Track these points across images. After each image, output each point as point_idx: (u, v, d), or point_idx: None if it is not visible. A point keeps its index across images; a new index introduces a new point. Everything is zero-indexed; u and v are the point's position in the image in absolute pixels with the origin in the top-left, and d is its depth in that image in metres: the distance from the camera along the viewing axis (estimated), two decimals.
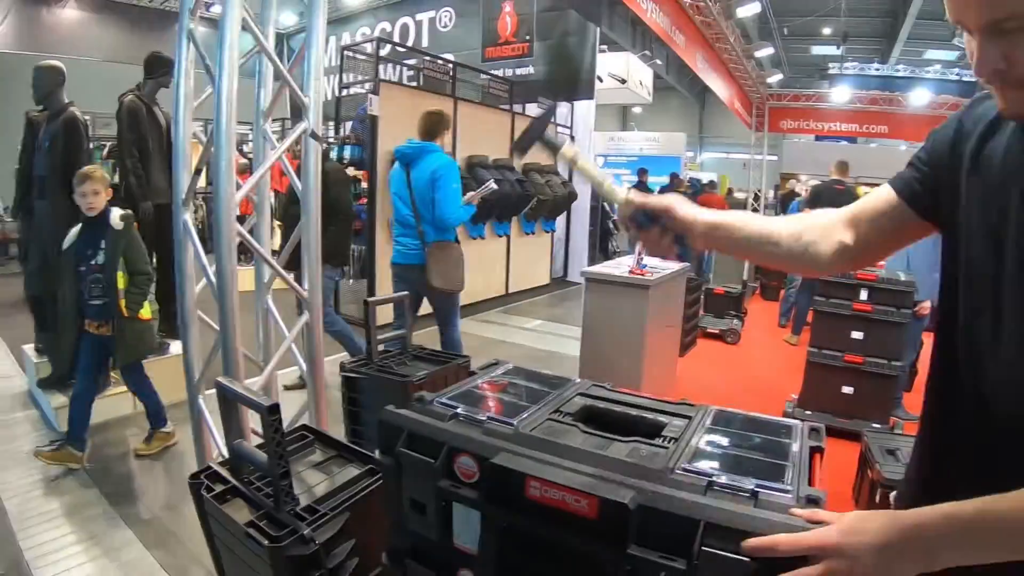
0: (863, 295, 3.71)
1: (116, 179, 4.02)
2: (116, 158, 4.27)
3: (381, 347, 2.93)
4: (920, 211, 0.96)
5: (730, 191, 15.34)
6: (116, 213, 3.03)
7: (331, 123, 10.36)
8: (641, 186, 9.64)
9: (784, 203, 10.45)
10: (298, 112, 2.01)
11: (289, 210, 4.07)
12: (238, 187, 1.70)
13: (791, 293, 6.83)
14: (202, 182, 11.05)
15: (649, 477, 1.04)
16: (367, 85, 6.38)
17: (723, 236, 1.07)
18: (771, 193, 15.08)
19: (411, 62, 8.50)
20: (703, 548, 0.90)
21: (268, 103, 2.05)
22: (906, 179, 0.98)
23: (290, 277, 2.05)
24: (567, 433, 1.23)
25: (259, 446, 1.59)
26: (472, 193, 3.85)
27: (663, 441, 1.20)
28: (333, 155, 6.76)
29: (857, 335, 3.77)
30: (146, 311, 3.14)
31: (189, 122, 1.85)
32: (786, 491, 1.00)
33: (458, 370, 3.08)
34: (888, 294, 3.69)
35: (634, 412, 1.38)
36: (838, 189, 5.76)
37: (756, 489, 0.98)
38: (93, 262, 3.02)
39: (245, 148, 6.83)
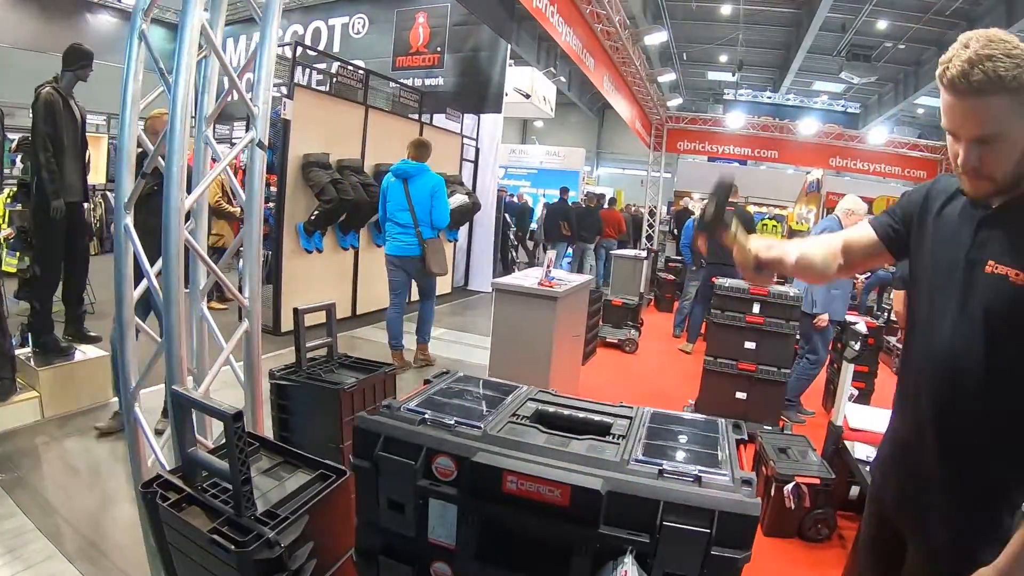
0: (755, 308, 4.09)
1: (19, 173, 3.67)
2: (28, 152, 3.90)
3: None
4: (892, 249, 1.37)
5: (628, 207, 16.14)
6: None
7: (235, 124, 9.94)
8: (562, 203, 10.32)
9: (679, 220, 11.17)
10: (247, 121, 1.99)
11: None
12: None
13: (685, 305, 7.32)
14: (102, 178, 10.03)
15: (609, 468, 1.19)
16: (281, 89, 6.19)
17: (777, 265, 1.47)
18: (665, 209, 16.02)
19: (321, 66, 8.30)
20: (664, 524, 1.06)
21: (211, 108, 2.02)
22: (884, 226, 1.37)
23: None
24: (528, 433, 1.36)
25: (213, 451, 1.59)
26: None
27: (613, 438, 1.36)
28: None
29: (750, 345, 4.14)
30: None
31: (135, 124, 1.79)
32: (723, 475, 1.19)
33: (385, 378, 3.12)
34: (778, 308, 4.09)
35: (581, 414, 1.54)
36: (729, 209, 6.31)
37: (699, 474, 1.17)
38: None
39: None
